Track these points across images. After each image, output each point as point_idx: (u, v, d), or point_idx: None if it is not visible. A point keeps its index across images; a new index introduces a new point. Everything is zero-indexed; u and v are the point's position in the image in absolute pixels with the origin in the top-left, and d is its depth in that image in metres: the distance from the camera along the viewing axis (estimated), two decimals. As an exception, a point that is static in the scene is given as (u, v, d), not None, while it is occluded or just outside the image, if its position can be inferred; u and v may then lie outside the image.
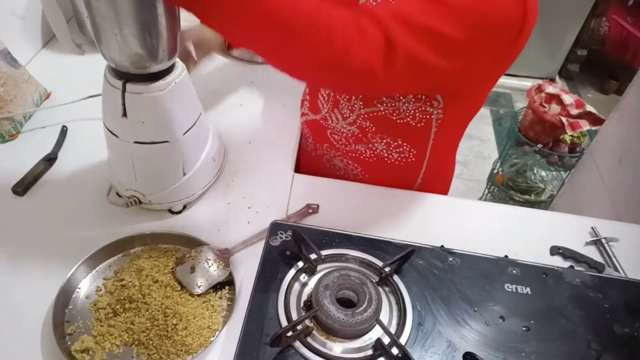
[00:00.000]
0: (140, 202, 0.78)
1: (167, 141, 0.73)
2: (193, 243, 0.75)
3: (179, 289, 0.70)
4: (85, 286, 0.71)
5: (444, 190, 1.02)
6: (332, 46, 0.57)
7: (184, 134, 0.75)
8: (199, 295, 0.70)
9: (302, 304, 0.69)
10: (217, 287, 0.72)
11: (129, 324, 0.65)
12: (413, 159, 0.87)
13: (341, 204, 0.87)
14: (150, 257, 0.74)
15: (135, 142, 0.72)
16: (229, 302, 0.71)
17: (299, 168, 1.00)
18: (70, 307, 0.68)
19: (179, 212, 0.82)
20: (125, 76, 0.67)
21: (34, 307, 0.67)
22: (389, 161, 0.88)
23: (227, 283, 0.72)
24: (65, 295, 0.68)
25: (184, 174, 0.78)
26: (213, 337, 0.66)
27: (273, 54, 0.61)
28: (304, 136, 1.01)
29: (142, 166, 0.75)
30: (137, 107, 0.69)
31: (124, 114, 0.69)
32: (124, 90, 0.67)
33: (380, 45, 0.59)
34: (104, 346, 0.63)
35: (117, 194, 0.81)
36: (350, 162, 0.92)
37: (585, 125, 1.93)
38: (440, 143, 0.85)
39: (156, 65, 0.66)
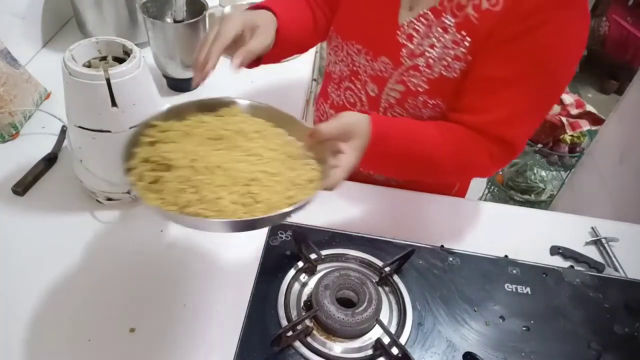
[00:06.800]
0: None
1: None
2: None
3: None
4: None
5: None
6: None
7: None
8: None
9: (302, 304, 0.69)
10: None
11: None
12: None
13: (342, 204, 0.87)
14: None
15: (131, 127, 0.72)
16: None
17: None
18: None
19: None
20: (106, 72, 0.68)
21: (31, 306, 0.67)
22: None
23: None
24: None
25: None
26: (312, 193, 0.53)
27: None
28: None
29: None
30: (125, 92, 0.70)
31: (114, 104, 0.69)
32: (108, 83, 0.68)
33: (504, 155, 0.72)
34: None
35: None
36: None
37: (585, 125, 1.93)
38: None
39: None
